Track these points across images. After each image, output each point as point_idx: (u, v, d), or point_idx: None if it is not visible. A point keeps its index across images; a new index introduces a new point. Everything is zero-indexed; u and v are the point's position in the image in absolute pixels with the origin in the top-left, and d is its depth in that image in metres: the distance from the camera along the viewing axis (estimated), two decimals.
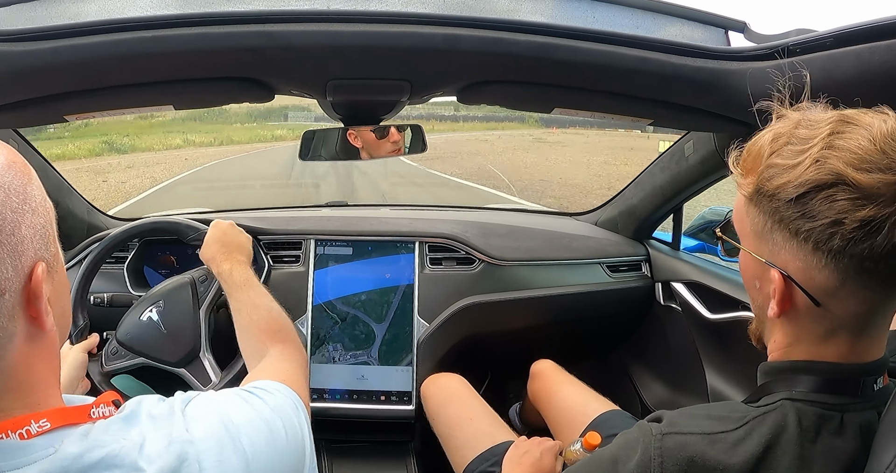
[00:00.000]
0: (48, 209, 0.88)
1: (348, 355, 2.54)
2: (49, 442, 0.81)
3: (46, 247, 0.85)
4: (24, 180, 0.83)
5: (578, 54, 1.40)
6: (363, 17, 1.37)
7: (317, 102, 1.75)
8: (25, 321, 0.81)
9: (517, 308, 2.64)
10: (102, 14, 1.38)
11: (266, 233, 2.60)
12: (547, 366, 2.34)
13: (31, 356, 0.84)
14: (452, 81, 1.57)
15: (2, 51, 1.30)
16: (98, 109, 1.60)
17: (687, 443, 0.94)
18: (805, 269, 0.94)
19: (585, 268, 2.72)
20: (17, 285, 0.79)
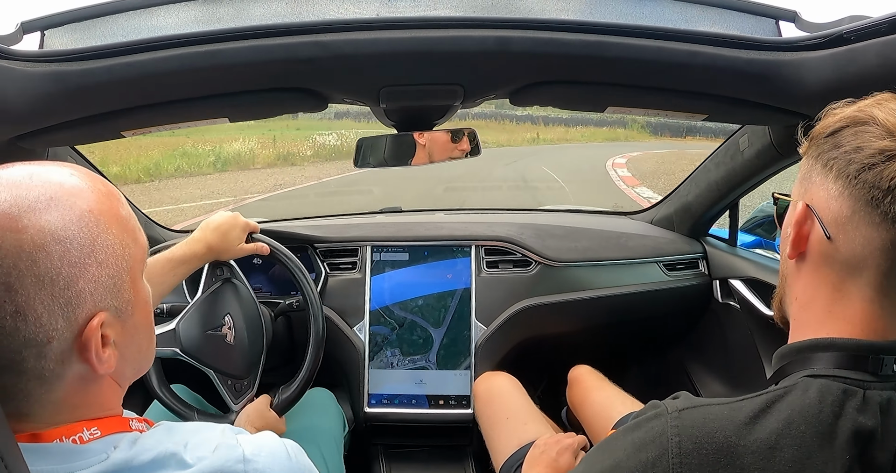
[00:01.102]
0: (130, 255, 0.91)
1: (406, 360, 2.55)
2: (103, 447, 0.86)
3: (116, 296, 0.88)
4: (95, 232, 0.85)
5: (630, 51, 1.39)
6: (414, 23, 1.37)
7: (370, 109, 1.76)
8: (80, 363, 0.85)
9: (574, 310, 2.62)
10: (155, 31, 1.40)
11: (322, 241, 2.62)
12: (583, 372, 2.32)
13: (83, 391, 0.89)
14: (505, 84, 1.57)
15: (58, 70, 1.33)
16: (154, 124, 1.62)
17: (706, 418, 0.92)
18: (825, 199, 0.98)
19: (642, 267, 2.69)
20: (67, 334, 0.82)
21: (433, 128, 1.84)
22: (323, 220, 3.08)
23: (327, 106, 1.64)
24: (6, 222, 0.78)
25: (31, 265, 0.78)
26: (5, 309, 0.78)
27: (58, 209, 0.82)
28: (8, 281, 0.77)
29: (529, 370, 2.73)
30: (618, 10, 1.45)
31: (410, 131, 1.88)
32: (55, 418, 0.87)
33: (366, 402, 2.52)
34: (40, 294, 0.79)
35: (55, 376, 0.84)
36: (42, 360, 0.82)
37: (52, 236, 0.80)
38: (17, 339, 0.79)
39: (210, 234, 1.98)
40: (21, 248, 0.78)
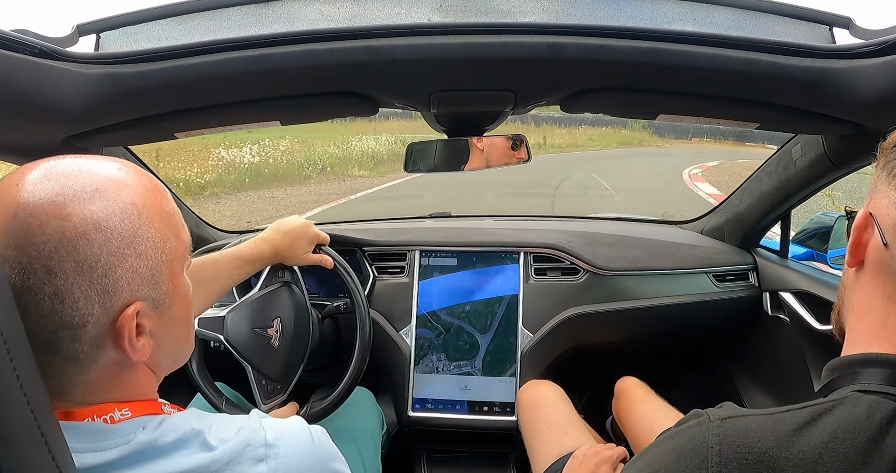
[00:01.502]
0: (169, 250, 0.94)
1: (452, 365, 2.55)
2: (132, 428, 0.89)
3: (153, 287, 0.91)
4: (137, 224, 0.88)
5: (683, 58, 1.37)
6: (466, 28, 1.37)
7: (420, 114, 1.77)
8: (114, 349, 0.89)
9: (622, 319, 2.60)
10: (208, 34, 1.41)
11: (371, 244, 2.64)
12: (629, 383, 2.29)
13: (117, 376, 0.92)
14: (557, 90, 1.56)
15: (113, 72, 1.36)
16: (206, 126, 1.64)
17: (749, 427, 0.90)
18: (885, 206, 0.96)
19: (692, 278, 2.66)
20: (103, 320, 0.86)
21: (483, 134, 1.84)
22: (372, 223, 3.10)
23: (378, 110, 1.64)
24: (52, 209, 0.82)
25: (71, 251, 0.82)
26: (44, 291, 0.81)
27: (102, 200, 0.86)
28: (49, 265, 0.81)
29: (575, 378, 2.72)
30: (670, 16, 1.44)
31: (461, 137, 1.88)
32: (88, 398, 0.90)
33: (410, 406, 2.52)
34: (78, 280, 0.83)
35: (88, 359, 0.87)
36: (76, 342, 0.85)
37: (94, 225, 0.84)
38: (53, 320, 0.82)
39: (280, 237, 1.99)
40: (63, 234, 0.81)
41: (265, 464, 0.92)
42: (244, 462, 0.91)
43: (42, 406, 0.74)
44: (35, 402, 0.73)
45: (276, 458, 0.94)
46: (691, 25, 1.42)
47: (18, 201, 0.82)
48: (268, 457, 0.93)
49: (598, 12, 1.45)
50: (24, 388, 0.71)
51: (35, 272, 0.80)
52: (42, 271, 0.81)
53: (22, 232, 0.81)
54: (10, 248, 0.80)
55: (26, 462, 0.70)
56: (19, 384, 0.71)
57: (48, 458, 0.74)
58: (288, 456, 0.95)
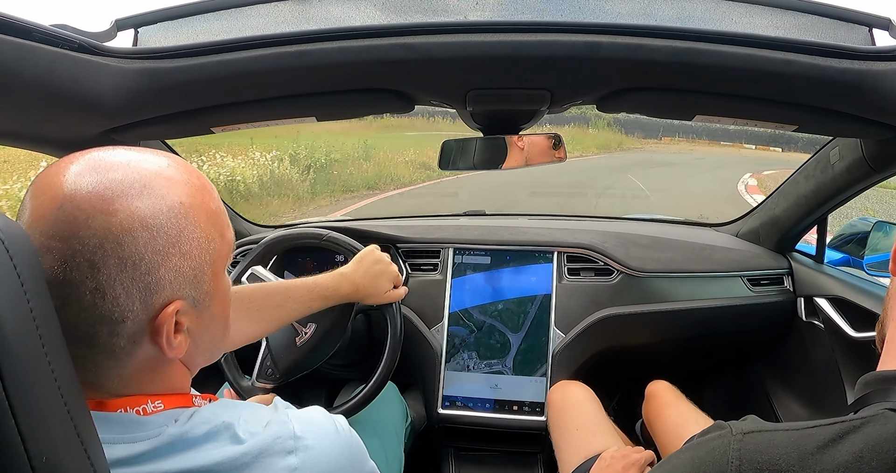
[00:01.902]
0: (214, 249, 0.94)
1: (483, 363, 2.55)
2: (164, 421, 0.91)
3: (195, 286, 0.92)
4: (183, 224, 0.88)
5: (720, 58, 1.36)
6: (502, 27, 1.36)
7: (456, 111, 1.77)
8: (151, 345, 0.90)
9: (655, 321, 2.59)
10: (246, 30, 1.43)
11: (405, 241, 2.65)
12: (660, 387, 2.28)
13: (152, 370, 0.93)
14: (593, 90, 1.56)
15: (151, 67, 1.37)
16: (243, 121, 1.65)
17: (771, 443, 0.87)
18: None
19: (726, 281, 2.64)
20: (142, 316, 0.86)
21: (519, 132, 1.84)
22: (406, 220, 3.10)
23: (414, 107, 1.65)
24: (99, 203, 0.82)
25: (116, 248, 0.82)
26: (86, 285, 0.81)
27: (150, 197, 0.85)
28: (92, 259, 0.81)
29: (606, 380, 2.71)
30: (707, 15, 1.43)
31: (497, 135, 1.88)
32: (122, 390, 0.91)
33: (439, 403, 2.53)
34: (121, 276, 0.83)
35: (125, 353, 0.88)
36: (114, 337, 0.86)
37: (141, 222, 0.84)
38: (93, 314, 0.83)
39: (361, 275, 1.94)
40: (109, 230, 0.82)
41: (294, 456, 0.94)
42: (274, 455, 0.92)
43: (73, 394, 0.76)
44: (66, 389, 0.74)
45: (305, 450, 0.95)
46: (729, 25, 1.42)
47: (65, 193, 0.82)
48: (297, 449, 0.94)
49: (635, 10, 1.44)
50: (56, 374, 0.73)
51: (78, 266, 0.81)
52: (85, 265, 0.81)
53: (67, 224, 0.81)
54: (54, 239, 0.81)
55: (56, 447, 0.72)
56: (51, 370, 0.72)
57: (77, 444, 0.75)
58: (316, 448, 0.97)
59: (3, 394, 0.67)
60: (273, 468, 0.92)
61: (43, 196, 0.83)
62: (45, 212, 0.82)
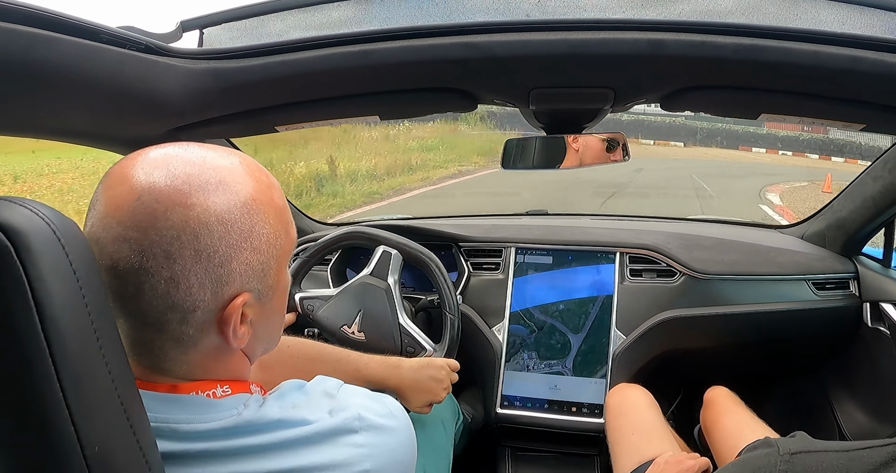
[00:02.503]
0: (279, 245, 0.97)
1: (542, 364, 2.55)
2: (233, 404, 0.94)
3: (261, 280, 0.95)
4: (255, 219, 0.91)
5: (787, 55, 1.33)
6: (565, 25, 1.36)
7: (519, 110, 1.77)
8: (217, 335, 0.93)
9: (718, 325, 2.56)
10: (309, 30, 1.44)
11: (467, 240, 2.66)
12: (719, 394, 2.24)
13: (215, 358, 0.96)
14: (657, 88, 1.55)
15: (216, 67, 1.40)
16: (307, 119, 1.67)
17: (819, 465, 0.84)
18: None
19: (790, 284, 2.59)
20: (212, 306, 0.89)
21: (582, 131, 1.84)
22: (469, 219, 3.11)
23: (477, 106, 1.65)
24: (177, 197, 0.85)
25: (192, 240, 0.85)
26: (161, 274, 0.84)
27: (225, 193, 0.88)
28: (169, 250, 0.84)
29: (666, 383, 2.69)
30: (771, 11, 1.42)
31: (559, 134, 1.87)
32: (190, 375, 0.95)
33: (498, 403, 2.54)
34: (195, 267, 0.86)
35: (192, 341, 0.91)
36: (184, 325, 0.89)
37: (217, 216, 0.87)
38: (165, 302, 0.86)
39: (410, 379, 1.87)
40: (187, 222, 0.84)
41: (360, 436, 0.97)
42: (340, 434, 0.96)
43: (126, 385, 0.79)
44: (120, 381, 0.77)
45: (368, 430, 0.98)
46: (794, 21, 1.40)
47: (143, 185, 0.85)
48: (361, 429, 0.98)
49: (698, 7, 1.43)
50: (110, 366, 0.75)
51: (154, 256, 0.84)
52: (162, 255, 0.84)
53: (146, 216, 0.84)
54: (132, 229, 0.84)
55: (108, 437, 0.74)
56: (105, 362, 0.75)
57: (129, 434, 0.77)
58: (379, 429, 1.00)
59: (58, 386, 0.69)
60: (339, 444, 0.95)
61: (119, 188, 0.86)
62: (123, 203, 0.85)
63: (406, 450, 1.06)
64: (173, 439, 0.89)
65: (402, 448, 1.05)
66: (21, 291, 0.68)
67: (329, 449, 0.95)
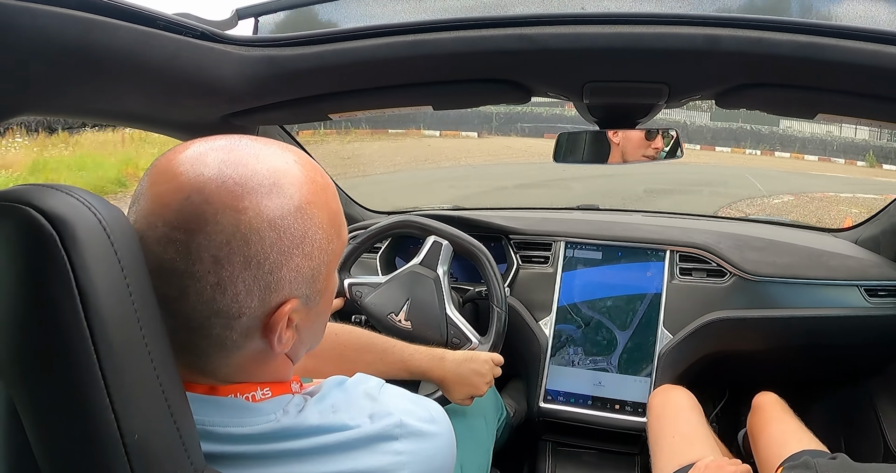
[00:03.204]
0: (330, 251, 0.94)
1: (588, 360, 2.55)
2: (273, 408, 0.93)
3: (310, 285, 0.92)
4: (308, 225, 0.88)
5: (846, 54, 1.32)
6: (620, 18, 1.36)
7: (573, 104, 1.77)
8: (261, 340, 0.91)
9: (766, 328, 2.53)
10: (363, 20, 1.46)
11: (517, 233, 2.66)
12: (768, 400, 2.21)
13: (258, 362, 0.95)
14: (712, 85, 1.54)
15: (271, 55, 1.42)
16: (360, 108, 1.69)
17: None
18: None
19: (842, 290, 2.53)
20: (258, 313, 0.87)
21: (635, 127, 1.83)
22: (519, 212, 3.10)
23: (531, 98, 1.65)
24: (229, 199, 0.82)
25: (242, 246, 0.82)
26: (208, 279, 0.82)
27: (279, 197, 0.85)
28: (218, 255, 0.82)
29: (711, 385, 2.67)
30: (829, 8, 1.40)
31: (613, 129, 1.87)
32: (231, 378, 0.93)
33: (541, 397, 2.53)
34: (244, 274, 0.83)
35: (236, 346, 0.89)
36: (228, 331, 0.87)
37: (269, 222, 0.84)
38: (210, 307, 0.84)
39: (453, 371, 1.87)
40: (238, 227, 0.82)
41: (400, 443, 0.95)
42: (380, 441, 0.94)
43: (169, 376, 0.79)
44: (162, 371, 0.78)
45: (409, 437, 0.96)
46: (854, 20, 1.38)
47: (192, 184, 0.83)
48: (402, 436, 0.95)
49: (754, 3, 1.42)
50: (153, 356, 0.76)
51: (202, 260, 0.81)
52: (210, 260, 0.81)
53: (195, 217, 0.81)
54: (179, 231, 0.81)
55: (148, 425, 0.75)
56: (147, 352, 0.76)
57: (170, 423, 0.78)
58: (419, 436, 0.98)
59: (100, 374, 0.70)
60: (378, 451, 0.93)
61: (168, 184, 0.84)
62: (170, 201, 0.83)
63: (445, 456, 1.05)
64: (209, 440, 0.87)
65: (442, 453, 1.03)
66: (65, 279, 0.69)
67: (368, 456, 0.93)
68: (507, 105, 15.99)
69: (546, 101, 6.26)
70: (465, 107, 1.78)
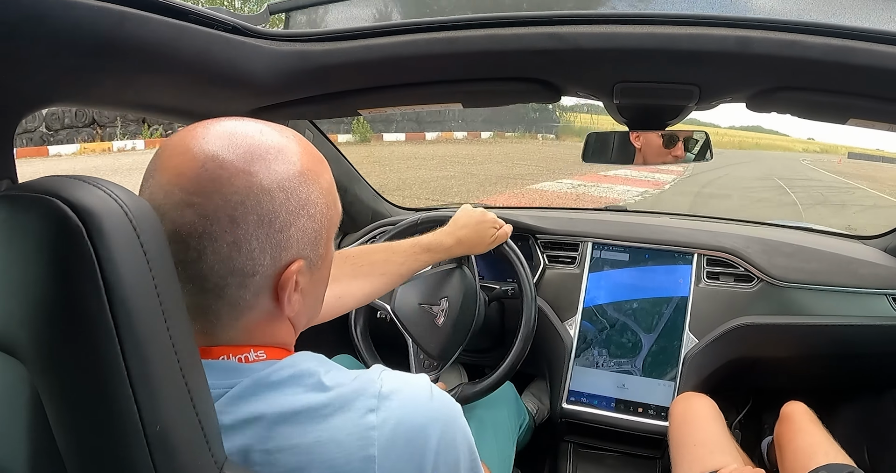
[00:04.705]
0: (330, 217, 1.00)
1: (612, 362, 2.55)
2: (261, 368, 0.94)
3: (314, 248, 0.97)
4: (310, 189, 0.94)
5: (878, 59, 1.30)
6: (652, 19, 1.36)
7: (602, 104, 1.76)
8: (271, 301, 0.94)
9: (792, 335, 2.51)
10: (395, 16, 1.46)
11: (544, 232, 2.66)
12: (797, 410, 2.18)
13: (265, 325, 0.97)
14: (743, 87, 1.53)
15: (302, 50, 1.43)
16: (390, 104, 1.70)
17: None
18: None
19: (870, 298, 2.50)
20: (270, 271, 0.92)
21: (665, 128, 1.82)
22: (547, 211, 3.09)
23: (560, 98, 1.65)
24: (242, 164, 0.88)
25: (256, 205, 0.87)
26: (225, 239, 0.86)
27: (284, 163, 0.91)
28: (234, 215, 0.86)
29: (735, 391, 2.66)
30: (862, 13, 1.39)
31: (642, 130, 1.87)
32: (233, 341, 0.95)
33: (564, 398, 2.53)
34: (258, 232, 0.88)
35: (248, 306, 0.93)
36: (242, 289, 0.91)
37: (279, 184, 0.89)
38: (227, 266, 0.88)
39: (460, 229, 2.02)
40: (251, 188, 0.87)
41: (375, 415, 0.92)
42: (354, 410, 0.92)
43: (191, 364, 0.80)
44: (185, 360, 0.78)
45: (388, 410, 0.93)
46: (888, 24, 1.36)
47: (207, 154, 0.88)
48: (379, 408, 0.92)
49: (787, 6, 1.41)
50: (176, 347, 0.77)
51: (219, 220, 0.86)
52: (226, 219, 0.86)
53: (211, 181, 0.86)
54: (196, 195, 0.86)
55: (170, 416, 0.76)
56: (171, 344, 0.76)
57: (192, 414, 0.78)
58: (400, 410, 0.94)
59: (123, 366, 0.71)
60: (351, 423, 0.91)
61: (181, 157, 0.89)
62: (186, 170, 0.87)
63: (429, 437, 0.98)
64: None
65: (426, 438, 0.97)
66: (91, 272, 0.70)
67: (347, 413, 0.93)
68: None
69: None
70: (495, 105, 1.77)
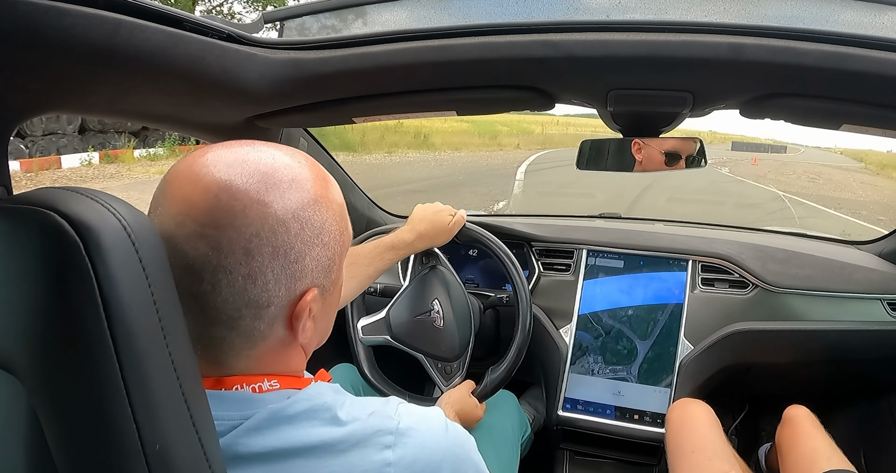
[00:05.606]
0: (342, 242, 0.99)
1: (607, 369, 2.54)
2: (276, 399, 0.93)
3: (327, 275, 0.97)
4: (324, 216, 0.94)
5: (872, 65, 1.30)
6: (646, 26, 1.36)
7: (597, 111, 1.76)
8: (285, 330, 0.94)
9: (787, 340, 2.51)
10: (388, 25, 1.46)
11: (539, 240, 2.67)
12: (800, 414, 2.18)
13: (279, 351, 0.97)
14: (736, 94, 1.53)
15: (296, 57, 1.43)
16: (384, 112, 1.70)
17: None
18: None
19: (864, 303, 2.51)
20: (284, 301, 0.91)
21: (659, 135, 1.82)
22: (541, 219, 3.10)
23: (555, 105, 1.65)
24: (256, 194, 0.86)
25: (271, 236, 0.86)
26: (239, 271, 0.86)
27: (298, 191, 0.90)
28: (248, 247, 0.85)
29: (731, 397, 2.66)
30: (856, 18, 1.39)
31: (636, 137, 1.86)
32: (246, 371, 0.94)
33: (560, 405, 2.53)
34: (273, 263, 0.87)
35: (262, 337, 0.92)
36: (256, 321, 0.90)
37: (293, 214, 0.89)
38: (241, 298, 0.87)
39: (419, 224, 2.08)
40: (265, 220, 0.86)
41: (392, 452, 0.92)
42: (371, 446, 0.92)
43: (192, 383, 0.79)
44: (185, 379, 0.78)
45: (405, 447, 0.94)
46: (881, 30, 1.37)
47: (220, 184, 0.86)
48: (396, 445, 0.93)
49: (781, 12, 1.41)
50: (176, 364, 0.76)
51: (233, 252, 0.85)
52: (241, 252, 0.85)
53: (224, 213, 0.85)
54: (210, 227, 0.85)
55: (170, 435, 0.75)
56: (171, 361, 0.76)
57: (192, 433, 0.78)
58: (417, 447, 0.95)
59: (122, 384, 0.70)
60: (368, 459, 0.91)
61: (193, 186, 0.87)
62: (199, 201, 0.86)
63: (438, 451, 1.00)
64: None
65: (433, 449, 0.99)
66: (89, 288, 0.69)
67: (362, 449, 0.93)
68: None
69: None
70: (490, 112, 1.77)
